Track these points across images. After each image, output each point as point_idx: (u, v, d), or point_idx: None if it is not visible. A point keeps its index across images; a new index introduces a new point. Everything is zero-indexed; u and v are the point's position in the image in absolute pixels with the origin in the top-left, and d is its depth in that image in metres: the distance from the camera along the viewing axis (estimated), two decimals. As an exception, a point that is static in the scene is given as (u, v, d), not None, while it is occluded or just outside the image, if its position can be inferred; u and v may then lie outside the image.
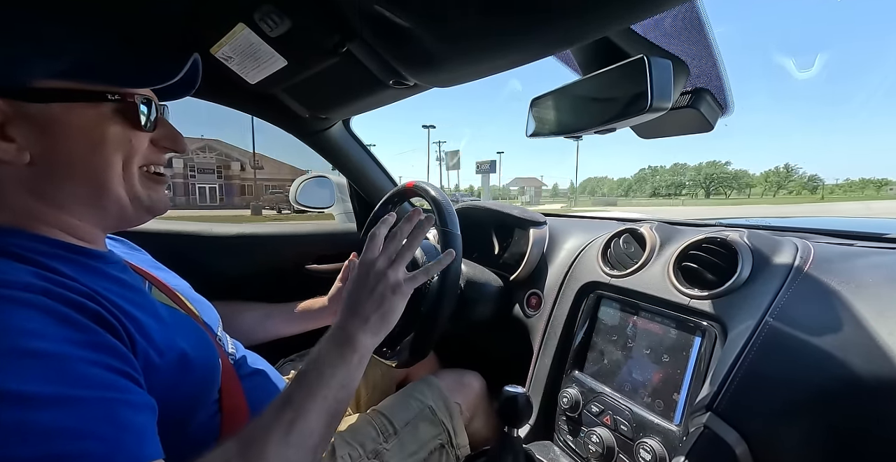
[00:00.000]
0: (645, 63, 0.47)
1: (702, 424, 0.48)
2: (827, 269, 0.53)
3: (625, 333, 0.68)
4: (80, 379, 0.31)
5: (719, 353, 0.54)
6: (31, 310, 0.32)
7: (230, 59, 0.64)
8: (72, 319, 0.34)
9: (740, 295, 0.56)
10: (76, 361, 0.32)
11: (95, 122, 0.41)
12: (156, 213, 0.48)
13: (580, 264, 0.81)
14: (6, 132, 0.38)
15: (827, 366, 0.45)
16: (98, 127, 0.41)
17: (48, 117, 0.39)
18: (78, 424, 0.29)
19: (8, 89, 0.37)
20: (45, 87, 0.38)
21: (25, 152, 0.38)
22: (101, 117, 0.41)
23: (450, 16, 0.47)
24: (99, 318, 0.36)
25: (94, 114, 0.41)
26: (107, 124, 0.41)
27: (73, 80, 0.40)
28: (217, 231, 1.09)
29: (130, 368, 0.36)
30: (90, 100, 0.41)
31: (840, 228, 0.73)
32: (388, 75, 0.65)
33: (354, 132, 1.13)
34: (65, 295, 0.35)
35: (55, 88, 0.39)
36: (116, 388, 0.33)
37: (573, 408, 0.69)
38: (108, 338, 0.35)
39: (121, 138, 0.42)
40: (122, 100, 0.42)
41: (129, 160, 0.44)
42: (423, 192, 0.77)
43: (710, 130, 0.63)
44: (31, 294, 0.33)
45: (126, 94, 0.42)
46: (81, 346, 0.33)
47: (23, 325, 0.31)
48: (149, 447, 0.33)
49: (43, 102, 0.38)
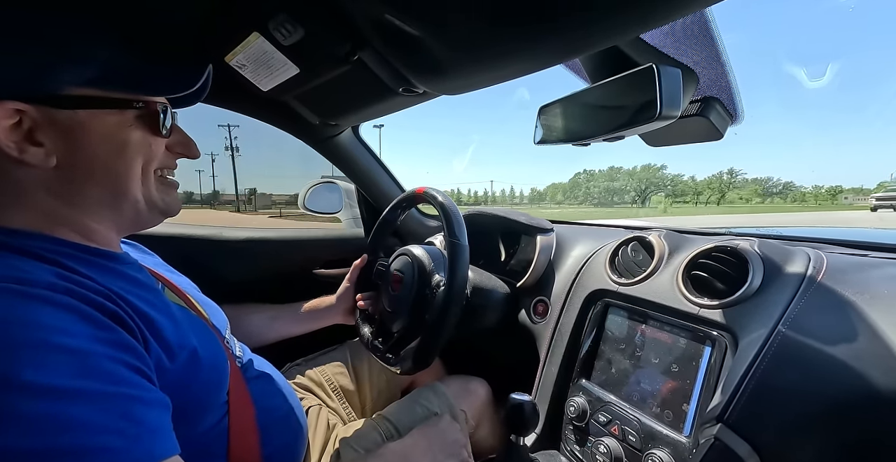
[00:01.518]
0: (654, 72, 0.47)
1: (712, 436, 0.47)
2: (841, 280, 0.52)
3: (633, 342, 0.68)
4: (102, 375, 0.32)
5: (730, 363, 0.53)
6: (56, 307, 0.33)
7: (244, 66, 0.66)
8: (93, 317, 0.35)
9: (751, 304, 0.55)
10: (99, 358, 0.33)
11: (119, 128, 0.43)
12: (168, 215, 0.50)
13: (587, 272, 0.81)
14: (35, 137, 0.39)
15: (843, 377, 0.44)
16: (121, 132, 0.43)
17: (75, 123, 0.40)
18: (100, 418, 0.30)
19: (37, 96, 0.39)
20: (73, 94, 0.40)
21: (52, 157, 0.40)
22: (125, 123, 0.43)
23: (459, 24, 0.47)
24: (116, 317, 0.37)
25: (118, 120, 0.43)
26: (130, 130, 0.43)
27: (99, 87, 0.41)
28: (226, 235, 1.11)
29: (145, 366, 0.37)
30: (117, 107, 0.43)
31: (854, 239, 0.72)
32: (397, 83, 0.66)
33: (363, 139, 1.14)
34: (85, 294, 0.36)
35: (83, 96, 0.40)
36: (135, 385, 0.34)
37: (580, 417, 0.68)
38: (126, 336, 0.36)
39: (142, 144, 0.45)
40: (146, 107, 0.44)
41: (148, 165, 0.46)
42: (432, 198, 0.78)
43: (720, 138, 0.62)
44: (56, 293, 0.34)
45: (150, 102, 0.45)
46: (103, 343, 0.34)
47: (49, 321, 0.32)
48: (166, 442, 0.34)
49: (71, 109, 0.40)
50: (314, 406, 0.80)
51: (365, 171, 1.19)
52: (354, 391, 0.91)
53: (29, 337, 0.31)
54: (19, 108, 0.38)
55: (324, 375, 0.89)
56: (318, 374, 0.89)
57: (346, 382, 0.90)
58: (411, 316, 0.77)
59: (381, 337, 0.83)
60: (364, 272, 0.91)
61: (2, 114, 0.37)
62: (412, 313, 0.76)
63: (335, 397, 0.87)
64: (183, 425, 0.42)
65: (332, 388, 0.88)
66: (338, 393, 0.88)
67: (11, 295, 0.32)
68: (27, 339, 0.30)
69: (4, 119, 0.37)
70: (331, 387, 0.88)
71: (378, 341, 0.82)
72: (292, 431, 0.59)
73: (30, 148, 0.39)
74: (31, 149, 0.39)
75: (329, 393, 0.87)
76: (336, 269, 1.20)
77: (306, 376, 0.88)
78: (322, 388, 0.87)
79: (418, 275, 0.78)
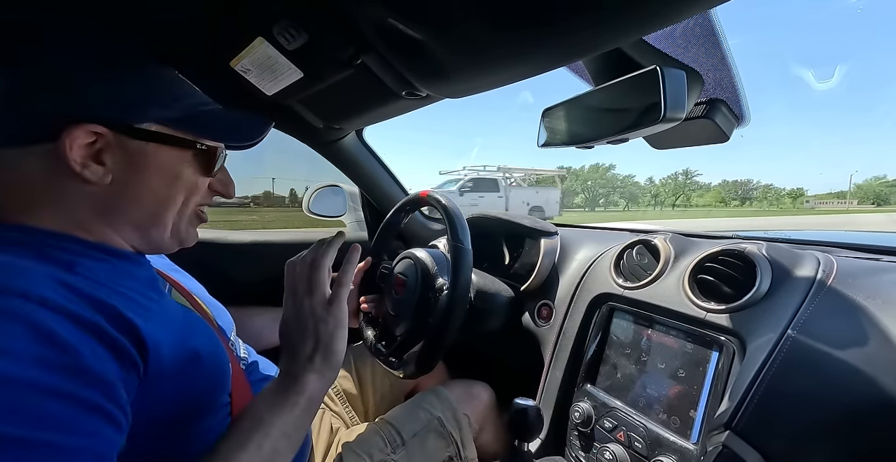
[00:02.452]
0: (658, 74, 0.47)
1: (720, 443, 0.47)
2: (852, 284, 0.51)
3: (638, 347, 0.67)
4: (42, 417, 0.27)
5: (738, 369, 0.52)
6: (12, 323, 0.29)
7: (248, 71, 0.66)
8: (55, 336, 0.30)
9: (759, 309, 0.54)
10: (41, 392, 0.28)
11: (178, 163, 0.45)
12: (185, 246, 0.51)
13: (592, 275, 0.80)
14: (101, 157, 0.40)
15: (854, 383, 0.43)
16: (178, 167, 0.45)
17: (142, 151, 0.43)
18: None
19: (118, 124, 0.41)
20: (151, 129, 0.43)
21: (109, 176, 0.41)
22: (184, 160, 0.46)
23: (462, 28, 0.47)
24: (96, 328, 0.33)
25: (179, 155, 0.45)
26: (186, 166, 0.46)
27: (175, 128, 0.44)
28: (232, 238, 1.11)
29: (108, 401, 0.31)
30: (183, 146, 0.45)
31: (864, 243, 0.71)
32: (401, 86, 0.66)
33: (367, 142, 1.14)
34: (65, 306, 0.32)
35: (158, 132, 0.43)
36: (82, 433, 0.29)
37: (585, 422, 0.67)
38: (89, 362, 0.31)
39: (191, 179, 0.47)
40: (207, 149, 0.47)
41: (189, 198, 0.48)
42: (435, 201, 0.78)
43: (726, 141, 0.62)
44: (23, 302, 0.30)
45: (211, 145, 0.48)
46: (53, 369, 0.29)
47: None
48: None
49: (143, 141, 0.42)
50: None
51: (369, 174, 1.19)
52: (357, 395, 0.90)
53: None
54: (99, 132, 0.40)
55: (327, 379, 0.89)
56: (321, 377, 0.89)
57: (349, 386, 0.90)
58: (414, 319, 0.76)
59: (385, 340, 0.83)
60: (367, 275, 0.91)
61: (83, 133, 0.39)
62: (415, 317, 0.76)
63: (338, 401, 0.87)
64: (184, 427, 0.42)
65: (335, 391, 0.88)
66: (341, 397, 0.88)
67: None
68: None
69: (82, 138, 0.39)
70: (334, 390, 0.88)
71: (381, 345, 0.82)
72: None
73: (92, 165, 0.40)
74: (92, 166, 0.40)
75: (332, 396, 0.87)
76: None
77: (310, 380, 0.88)
78: (325, 391, 0.87)
79: (422, 278, 0.78)
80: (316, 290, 0.50)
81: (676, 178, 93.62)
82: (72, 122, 0.38)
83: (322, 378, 0.47)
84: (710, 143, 0.64)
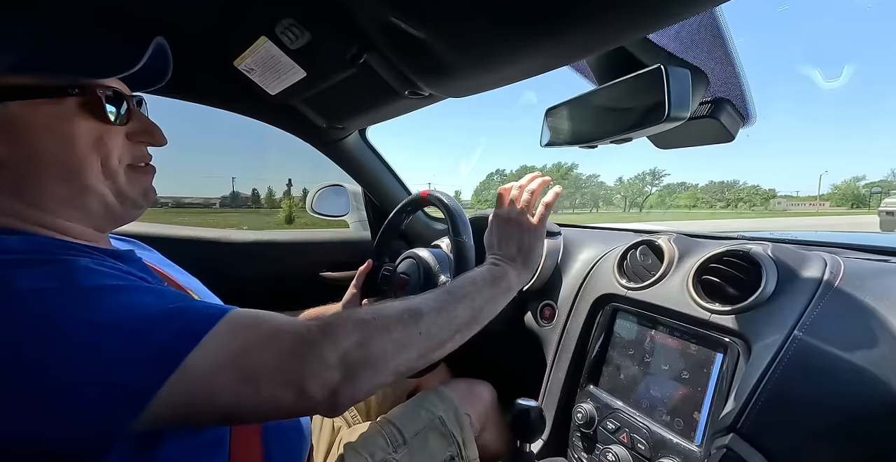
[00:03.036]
0: (662, 72, 0.46)
1: (724, 446, 0.46)
2: (859, 286, 0.51)
3: (642, 348, 0.66)
4: (169, 295, 0.37)
5: (743, 371, 0.52)
6: (100, 265, 0.37)
7: (252, 71, 0.67)
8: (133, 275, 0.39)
9: (765, 310, 0.53)
10: (157, 291, 0.38)
11: (60, 119, 0.38)
12: (145, 206, 0.47)
13: (595, 276, 0.80)
14: None
15: (862, 385, 0.42)
16: (64, 124, 0.39)
17: (8, 117, 0.37)
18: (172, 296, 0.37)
19: None
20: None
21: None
22: (66, 114, 0.39)
23: (464, 27, 0.47)
24: None
25: (56, 111, 0.38)
26: (73, 121, 0.39)
27: (27, 74, 0.37)
28: (234, 237, 1.12)
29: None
30: (49, 96, 0.38)
31: (872, 244, 0.70)
32: (403, 86, 0.66)
33: (370, 142, 1.14)
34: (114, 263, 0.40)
35: (9, 85, 0.36)
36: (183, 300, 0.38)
37: (588, 424, 0.67)
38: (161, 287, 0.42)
39: (91, 135, 0.40)
40: (84, 93, 0.39)
41: (108, 157, 0.41)
42: (437, 200, 0.78)
43: (731, 140, 0.61)
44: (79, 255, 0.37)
45: (89, 87, 0.39)
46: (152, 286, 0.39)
47: (96, 267, 0.36)
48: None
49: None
50: (319, 409, 0.80)
51: (372, 174, 1.19)
52: (360, 394, 0.90)
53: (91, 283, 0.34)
54: None
55: (329, 378, 0.89)
56: (323, 376, 0.89)
57: (351, 385, 0.90)
58: None
59: None
60: (370, 278, 0.91)
61: None
62: None
63: (340, 400, 0.87)
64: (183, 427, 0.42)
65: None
66: (343, 396, 0.88)
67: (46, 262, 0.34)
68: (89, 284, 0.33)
69: None
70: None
71: None
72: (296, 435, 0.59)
73: None
74: None
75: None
76: (343, 272, 1.20)
77: (312, 379, 0.88)
78: (327, 390, 0.87)
79: (424, 277, 0.77)
80: (528, 208, 0.64)
81: (644, 178, 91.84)
82: None
83: (520, 275, 0.60)
84: (715, 143, 0.63)
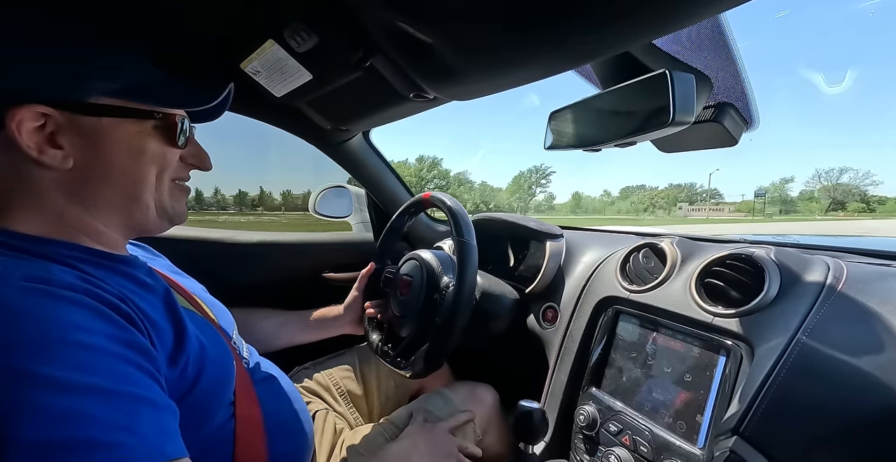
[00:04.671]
0: (667, 77, 0.47)
1: (727, 449, 0.46)
2: (862, 290, 0.51)
3: (644, 350, 0.67)
4: (115, 373, 0.33)
5: (745, 374, 0.52)
6: (76, 306, 0.35)
7: (258, 73, 0.67)
8: (110, 317, 0.36)
9: (768, 313, 0.54)
10: (113, 356, 0.34)
11: (138, 136, 0.45)
12: (175, 223, 0.52)
13: (598, 278, 0.80)
14: (56, 140, 0.40)
15: (866, 389, 0.42)
16: (140, 140, 0.45)
17: (97, 129, 0.42)
18: (110, 415, 0.31)
19: (65, 103, 0.40)
20: (98, 103, 0.42)
21: (70, 159, 0.41)
22: (144, 132, 0.45)
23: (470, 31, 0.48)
24: (129, 318, 0.38)
25: (137, 129, 0.45)
26: (148, 139, 0.46)
27: (124, 98, 0.44)
28: (238, 238, 1.12)
29: (156, 370, 0.37)
30: (138, 117, 0.45)
31: (875, 248, 0.70)
32: (408, 89, 0.66)
33: (374, 144, 1.15)
34: (102, 295, 0.37)
35: (109, 105, 0.43)
36: (144, 387, 0.35)
37: (590, 426, 0.67)
38: (140, 337, 0.37)
39: (157, 152, 0.47)
40: (165, 118, 0.47)
41: (162, 172, 0.48)
42: (440, 202, 0.78)
43: (735, 144, 0.61)
44: (76, 293, 0.35)
45: (168, 113, 0.47)
46: (118, 342, 0.35)
47: (69, 318, 0.33)
48: (175, 445, 0.34)
49: (96, 116, 0.42)
50: (321, 410, 0.80)
51: (375, 175, 1.20)
52: (362, 396, 0.91)
53: (51, 334, 0.32)
54: (45, 112, 0.39)
55: (331, 379, 0.89)
56: (325, 378, 0.89)
57: (353, 387, 0.90)
58: (420, 319, 0.76)
59: (391, 343, 0.83)
60: (372, 280, 0.91)
61: (29, 116, 0.39)
62: (421, 316, 0.76)
63: (342, 402, 0.87)
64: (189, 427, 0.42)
65: (339, 392, 0.88)
66: (345, 397, 0.88)
67: (36, 294, 0.34)
68: (49, 335, 0.31)
69: (30, 121, 0.39)
70: (338, 391, 0.88)
71: (387, 347, 0.82)
72: (299, 435, 0.59)
73: (49, 150, 0.40)
74: (50, 151, 0.40)
75: (336, 397, 0.87)
76: (346, 274, 1.21)
77: (314, 380, 0.89)
78: (329, 392, 0.87)
79: (427, 278, 0.78)
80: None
81: (529, 176, 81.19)
82: (12, 105, 0.38)
83: None
84: (718, 147, 0.63)
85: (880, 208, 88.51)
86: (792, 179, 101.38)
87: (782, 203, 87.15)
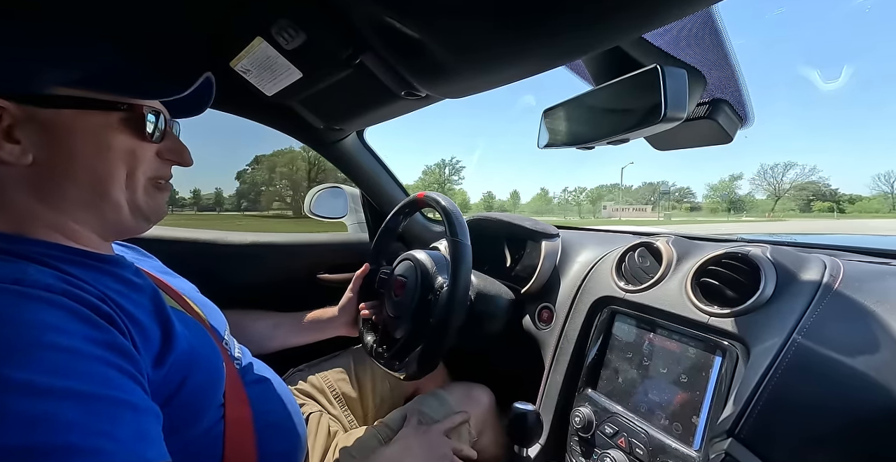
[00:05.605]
0: (659, 72, 0.46)
1: (723, 451, 0.45)
2: (859, 288, 0.50)
3: (640, 351, 0.66)
4: (93, 376, 0.32)
5: (741, 374, 0.51)
6: (52, 307, 0.33)
7: (248, 71, 0.66)
8: (89, 318, 0.35)
9: (764, 313, 0.53)
10: (91, 359, 0.33)
11: (102, 129, 0.42)
12: (153, 222, 0.49)
13: (593, 278, 0.79)
14: (13, 134, 0.39)
15: (862, 389, 0.41)
16: (104, 134, 0.42)
17: (56, 122, 0.40)
18: (87, 420, 0.30)
19: (21, 95, 0.38)
20: (57, 94, 0.39)
21: (28, 154, 0.39)
22: (108, 125, 0.42)
23: (460, 27, 0.47)
24: (110, 319, 0.37)
25: (101, 121, 0.42)
26: (113, 132, 0.42)
27: (85, 88, 0.41)
28: (231, 239, 1.11)
29: (138, 372, 0.36)
30: (99, 108, 0.42)
31: (872, 246, 0.69)
32: (400, 86, 0.65)
33: (368, 143, 1.14)
34: (81, 296, 0.36)
35: (67, 96, 0.40)
36: (125, 390, 0.34)
37: (586, 428, 0.66)
38: (120, 339, 0.36)
39: (126, 147, 0.43)
40: (131, 109, 0.43)
41: (135, 169, 0.45)
42: (434, 202, 0.77)
43: (729, 142, 0.61)
44: (53, 293, 0.34)
45: (136, 105, 0.43)
46: (97, 344, 0.34)
47: (46, 320, 0.32)
48: (156, 449, 0.33)
49: (54, 108, 0.39)
50: (315, 412, 0.79)
51: (370, 175, 1.19)
52: (356, 398, 0.90)
53: (25, 336, 0.30)
54: (0, 105, 0.38)
55: (326, 382, 0.88)
56: (320, 380, 0.88)
57: (348, 389, 0.89)
58: (415, 320, 0.76)
59: (385, 344, 0.82)
60: (367, 281, 0.90)
61: None
62: (416, 317, 0.76)
63: (337, 404, 0.86)
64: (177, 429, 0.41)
65: (334, 394, 0.87)
66: (339, 400, 0.87)
67: (10, 295, 0.32)
68: (23, 338, 0.30)
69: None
70: (332, 393, 0.87)
71: (382, 348, 0.81)
72: (291, 437, 0.58)
73: (5, 144, 0.38)
74: (6, 145, 0.38)
75: (331, 399, 0.86)
76: (341, 275, 1.20)
77: (308, 382, 0.88)
78: (324, 394, 0.86)
79: (421, 278, 0.77)
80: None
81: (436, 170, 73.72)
82: None
83: None
84: (713, 144, 0.63)
85: (850, 208, 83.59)
86: (741, 176, 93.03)
87: (730, 202, 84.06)
